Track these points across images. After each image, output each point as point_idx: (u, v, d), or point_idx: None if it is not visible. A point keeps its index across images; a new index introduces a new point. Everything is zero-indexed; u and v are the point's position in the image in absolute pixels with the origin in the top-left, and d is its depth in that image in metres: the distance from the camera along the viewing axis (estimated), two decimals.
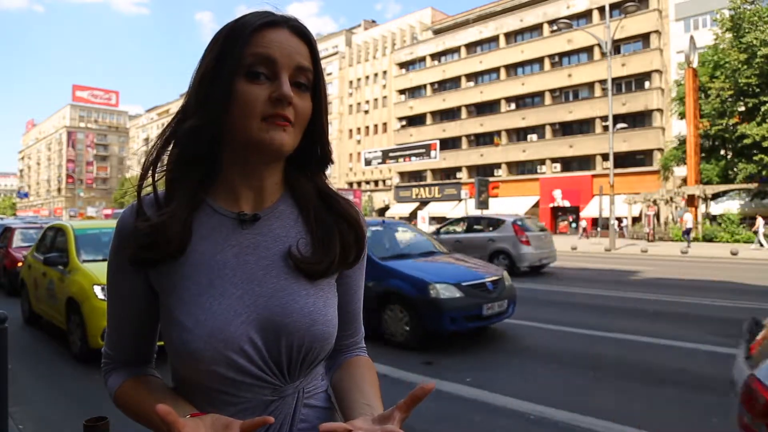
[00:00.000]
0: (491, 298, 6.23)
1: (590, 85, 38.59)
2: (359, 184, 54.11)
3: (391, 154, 48.40)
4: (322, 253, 0.89)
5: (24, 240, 10.74)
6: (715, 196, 27.41)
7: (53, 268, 6.38)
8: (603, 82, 34.98)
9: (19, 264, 9.32)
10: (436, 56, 49.31)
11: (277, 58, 0.82)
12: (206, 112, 0.83)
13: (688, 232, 22.93)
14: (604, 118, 34.35)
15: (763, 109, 24.28)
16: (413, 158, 46.21)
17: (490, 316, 6.21)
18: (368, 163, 50.12)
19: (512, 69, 43.62)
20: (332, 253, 0.90)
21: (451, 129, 46.46)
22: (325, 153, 0.93)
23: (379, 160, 49.13)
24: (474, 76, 46.05)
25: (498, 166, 43.30)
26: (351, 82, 56.61)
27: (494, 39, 45.02)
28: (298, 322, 0.84)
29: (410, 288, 6.04)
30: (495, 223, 14.28)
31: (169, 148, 0.88)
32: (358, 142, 54.94)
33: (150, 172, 0.88)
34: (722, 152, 28.53)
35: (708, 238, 25.70)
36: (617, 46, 35.10)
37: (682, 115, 28.20)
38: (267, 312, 0.84)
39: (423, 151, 45.75)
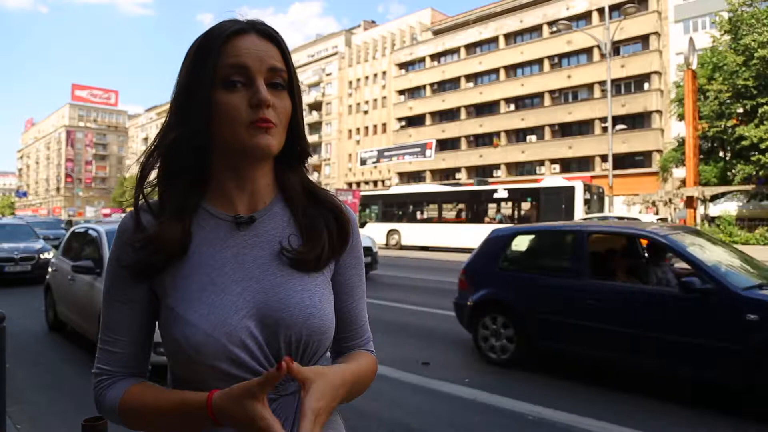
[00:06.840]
0: None
1: (589, 87, 38.62)
2: (358, 184, 54.07)
3: (386, 153, 48.20)
4: (311, 243, 0.92)
5: None
6: (714, 198, 27.40)
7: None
8: (602, 83, 34.97)
9: None
10: (436, 57, 49.34)
11: (249, 65, 0.85)
12: (188, 125, 0.87)
13: None
14: (604, 120, 34.41)
15: (760, 110, 24.25)
16: (407, 156, 46.00)
17: None
18: (363, 162, 49.94)
19: (512, 70, 43.64)
20: (321, 242, 0.93)
21: (450, 130, 46.47)
22: (303, 147, 0.96)
23: (374, 160, 49.00)
24: (473, 77, 46.07)
25: (497, 166, 43.32)
26: (350, 83, 56.64)
27: (494, 40, 45.04)
28: (295, 315, 0.87)
29: None
30: None
31: (157, 163, 0.91)
32: (358, 142, 54.94)
33: (140, 187, 0.91)
34: (721, 154, 28.53)
35: None
36: (617, 47, 35.10)
37: (681, 117, 28.16)
38: (265, 307, 0.86)
39: (418, 150, 45.58)
